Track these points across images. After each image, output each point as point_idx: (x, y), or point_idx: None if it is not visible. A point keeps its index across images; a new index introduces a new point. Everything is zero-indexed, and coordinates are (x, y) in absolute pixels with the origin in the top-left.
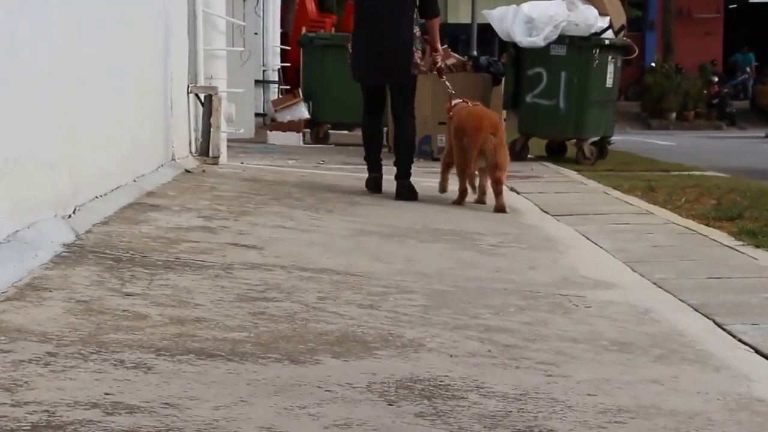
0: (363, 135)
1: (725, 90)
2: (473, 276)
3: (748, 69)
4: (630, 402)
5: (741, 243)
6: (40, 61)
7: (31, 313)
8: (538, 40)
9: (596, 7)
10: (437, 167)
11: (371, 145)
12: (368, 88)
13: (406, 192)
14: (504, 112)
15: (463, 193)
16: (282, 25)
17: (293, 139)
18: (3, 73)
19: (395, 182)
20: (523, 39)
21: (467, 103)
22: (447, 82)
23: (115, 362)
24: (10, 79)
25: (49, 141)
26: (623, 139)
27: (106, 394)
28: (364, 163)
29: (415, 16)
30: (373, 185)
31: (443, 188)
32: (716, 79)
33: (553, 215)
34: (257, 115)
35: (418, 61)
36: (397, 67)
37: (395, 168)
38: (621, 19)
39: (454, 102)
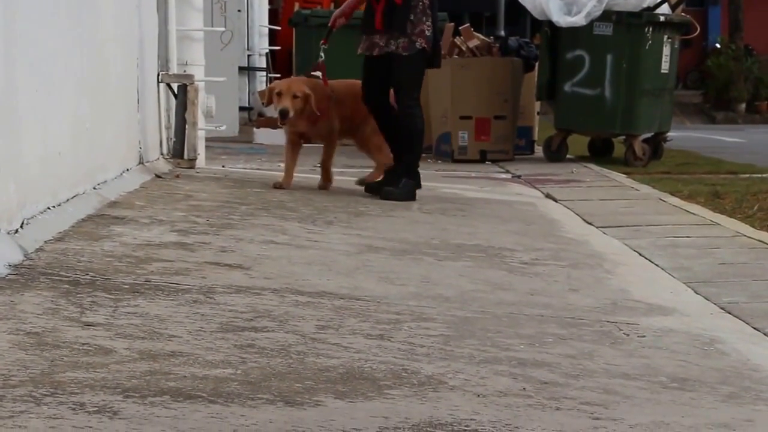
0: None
1: None
2: (503, 300)
3: None
4: None
5: None
6: None
7: None
8: (579, 19)
9: None
10: (458, 170)
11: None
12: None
13: (384, 193)
14: (538, 104)
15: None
16: (270, 2)
17: (282, 137)
18: None
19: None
20: (560, 17)
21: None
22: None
23: (74, 406)
24: None
25: None
26: (682, 136)
27: None
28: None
29: None
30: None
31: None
32: None
33: (598, 227)
34: (242, 109)
35: (427, 32)
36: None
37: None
38: None
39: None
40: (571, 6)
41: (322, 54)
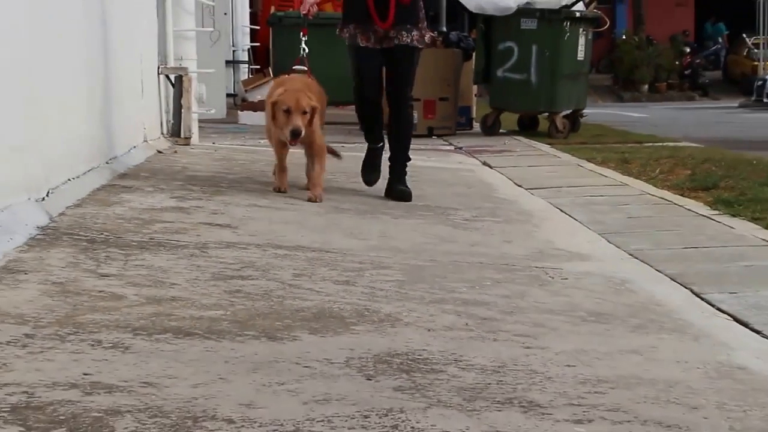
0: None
1: (697, 61)
2: (449, 250)
3: (720, 39)
4: (609, 372)
5: (717, 212)
6: (4, 63)
7: (7, 295)
8: (510, 2)
9: None
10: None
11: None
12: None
13: (398, 193)
14: (476, 87)
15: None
16: (251, 5)
17: (264, 118)
18: None
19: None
20: (491, 4)
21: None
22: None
23: (92, 342)
24: None
25: (16, 124)
26: (595, 112)
27: (85, 374)
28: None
29: None
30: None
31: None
32: (688, 50)
33: (527, 189)
34: (228, 95)
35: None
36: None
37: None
38: None
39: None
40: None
41: (305, 47)
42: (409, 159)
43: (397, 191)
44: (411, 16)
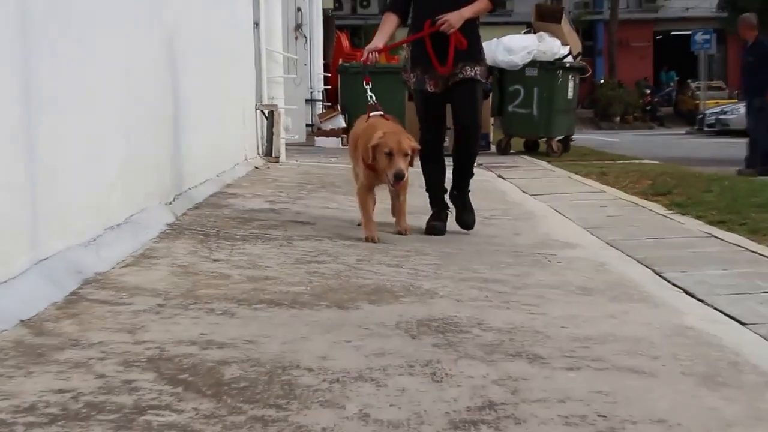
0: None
1: (655, 99)
2: (472, 241)
3: (672, 83)
4: (593, 331)
5: (671, 212)
6: (148, 101)
7: (144, 275)
8: (516, 58)
9: (559, 39)
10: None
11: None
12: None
13: (466, 221)
14: (492, 119)
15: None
16: (324, 58)
17: (334, 142)
18: (122, 101)
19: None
20: (504, 61)
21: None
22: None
23: (207, 310)
24: (128, 106)
25: (156, 149)
26: (581, 137)
27: (201, 334)
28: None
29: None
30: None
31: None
32: (648, 91)
33: (531, 195)
34: (307, 125)
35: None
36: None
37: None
38: (577, 48)
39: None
40: (511, 56)
41: (372, 94)
42: (469, 190)
43: (469, 221)
44: (472, 54)
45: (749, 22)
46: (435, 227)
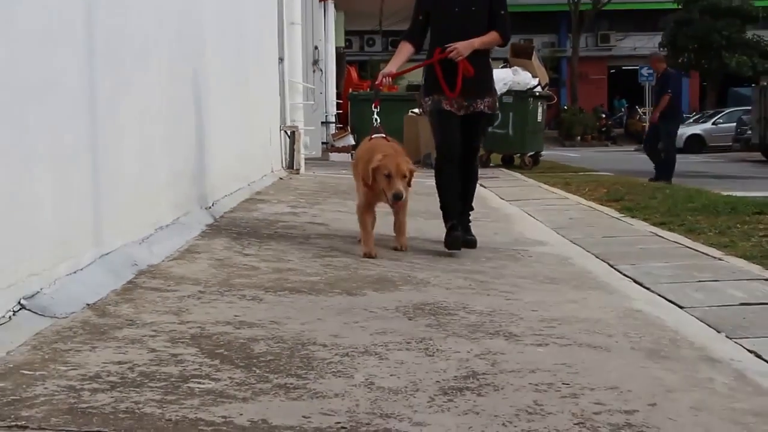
0: (440, 188)
1: (609, 122)
2: None
3: (623, 109)
4: (558, 314)
5: (623, 215)
6: (190, 122)
7: (188, 267)
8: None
9: (530, 72)
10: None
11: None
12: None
13: (466, 243)
14: None
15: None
16: (336, 87)
17: (345, 157)
18: (171, 132)
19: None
20: None
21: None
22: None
23: (240, 296)
24: (174, 135)
25: (198, 163)
26: (548, 153)
27: (235, 316)
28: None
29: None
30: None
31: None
32: (604, 115)
33: (507, 201)
34: (323, 143)
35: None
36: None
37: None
38: (545, 79)
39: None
40: None
41: (377, 117)
42: (473, 209)
43: (466, 241)
44: (482, 86)
45: (658, 57)
46: (456, 238)
